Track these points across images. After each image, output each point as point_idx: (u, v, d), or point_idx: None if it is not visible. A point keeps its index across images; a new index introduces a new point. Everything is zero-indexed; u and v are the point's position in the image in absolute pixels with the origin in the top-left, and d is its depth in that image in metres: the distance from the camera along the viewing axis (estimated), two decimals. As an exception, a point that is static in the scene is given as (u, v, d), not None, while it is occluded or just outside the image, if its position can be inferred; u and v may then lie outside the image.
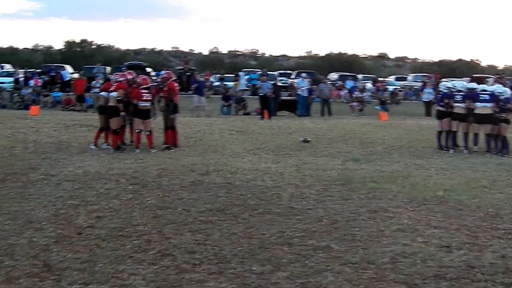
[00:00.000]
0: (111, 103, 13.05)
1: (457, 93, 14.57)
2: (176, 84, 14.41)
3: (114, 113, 13.02)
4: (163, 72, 19.61)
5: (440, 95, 15.44)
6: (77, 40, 67.14)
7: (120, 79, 13.45)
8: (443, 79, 34.56)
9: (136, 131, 13.36)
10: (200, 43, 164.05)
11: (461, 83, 15.74)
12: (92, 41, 68.27)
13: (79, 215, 7.24)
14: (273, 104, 25.44)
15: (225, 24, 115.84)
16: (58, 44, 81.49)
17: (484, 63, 71.89)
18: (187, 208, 7.69)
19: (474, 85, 15.49)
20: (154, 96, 13.57)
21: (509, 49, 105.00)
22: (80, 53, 62.99)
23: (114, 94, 12.96)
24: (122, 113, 13.12)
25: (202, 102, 25.87)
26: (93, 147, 13.41)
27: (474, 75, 36.94)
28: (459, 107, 14.41)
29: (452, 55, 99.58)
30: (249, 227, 6.84)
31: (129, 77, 13.69)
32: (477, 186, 9.53)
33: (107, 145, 13.55)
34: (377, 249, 6.07)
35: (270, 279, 5.14)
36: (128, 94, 13.09)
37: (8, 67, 43.24)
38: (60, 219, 7.01)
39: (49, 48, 73.06)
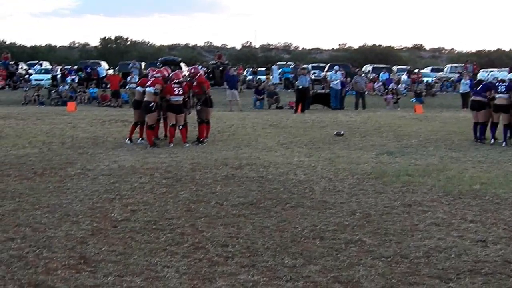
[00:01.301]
0: (146, 98, 13.14)
1: (500, 84, 14.24)
2: (204, 78, 14.62)
3: (149, 108, 13.11)
4: (190, 68, 19.73)
5: (482, 86, 15.01)
6: (112, 36, 68.10)
7: (157, 75, 13.54)
8: (482, 70, 33.91)
9: (170, 125, 13.47)
10: (234, 38, 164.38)
11: (503, 73, 15.39)
12: (127, 38, 69.19)
13: (115, 208, 7.35)
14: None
15: (258, 18, 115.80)
16: (94, 41, 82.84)
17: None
18: (220, 202, 7.74)
19: None
20: (187, 91, 13.65)
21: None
22: (115, 50, 63.86)
23: (150, 89, 13.05)
24: (153, 104, 13.12)
25: (235, 96, 25.93)
26: (128, 142, 13.58)
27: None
28: (501, 98, 14.05)
29: (490, 45, 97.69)
30: (281, 221, 6.85)
31: (165, 73, 13.81)
32: (516, 179, 9.35)
33: (141, 139, 13.69)
34: (410, 243, 6.01)
35: (302, 272, 5.14)
36: (163, 90, 13.18)
37: (46, 65, 44.14)
38: (96, 213, 7.14)
39: (85, 45, 74.28)
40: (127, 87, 29.17)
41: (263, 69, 40.11)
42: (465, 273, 5.15)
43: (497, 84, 14.23)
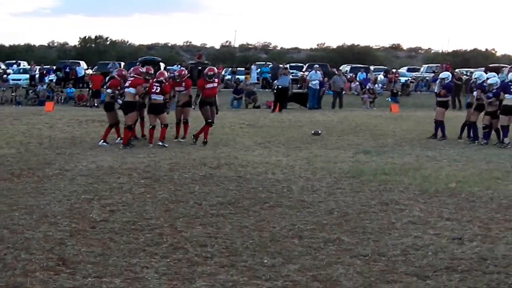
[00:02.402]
0: (127, 99, 13.05)
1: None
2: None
3: (129, 108, 13.02)
4: (175, 67, 19.67)
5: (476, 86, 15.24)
6: (92, 36, 67.34)
7: (134, 74, 13.44)
8: (456, 69, 34.35)
9: (150, 127, 13.39)
10: (213, 37, 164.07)
11: (481, 73, 15.73)
12: (106, 37, 68.37)
13: (93, 209, 7.32)
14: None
15: (238, 18, 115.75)
16: (74, 41, 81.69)
17: (499, 52, 71.04)
18: (199, 202, 7.75)
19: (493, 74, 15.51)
20: (169, 91, 13.61)
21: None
22: (94, 49, 63.18)
23: (131, 90, 12.95)
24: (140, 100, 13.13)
25: (214, 95, 25.90)
26: (104, 144, 13.38)
27: (490, 65, 36.57)
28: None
29: (467, 45, 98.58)
30: (260, 220, 6.89)
31: (141, 70, 13.74)
32: (490, 178, 9.51)
33: (120, 139, 13.60)
34: (388, 241, 6.09)
35: (281, 271, 5.18)
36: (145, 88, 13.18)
37: (24, 64, 43.62)
38: (74, 213, 7.10)
39: (64, 44, 73.37)
40: (104, 87, 28.99)
41: (243, 69, 40.06)
42: (441, 271, 5.24)
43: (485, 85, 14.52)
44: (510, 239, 6.18)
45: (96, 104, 28.53)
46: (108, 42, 67.76)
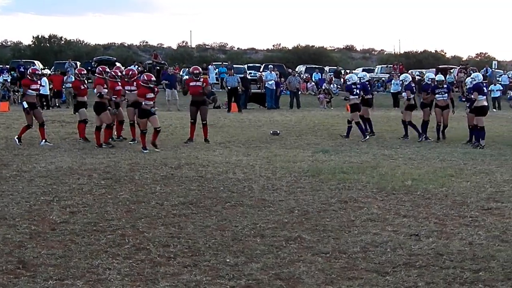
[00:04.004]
0: (97, 100, 12.92)
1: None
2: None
3: (99, 109, 12.83)
4: (133, 67, 19.51)
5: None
6: (46, 35, 65.93)
7: (96, 75, 13.34)
8: (410, 70, 35.07)
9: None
10: (170, 37, 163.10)
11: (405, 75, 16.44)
12: (61, 37, 67.02)
13: (53, 210, 7.22)
14: (243, 97, 25.63)
15: (194, 18, 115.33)
16: (27, 40, 79.63)
17: (448, 54, 72.91)
18: (160, 202, 7.73)
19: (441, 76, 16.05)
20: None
21: (472, 40, 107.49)
22: (49, 49, 61.87)
23: (94, 90, 12.83)
24: (109, 108, 13.01)
25: (175, 95, 25.89)
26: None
27: (439, 66, 37.52)
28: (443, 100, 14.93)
29: (417, 47, 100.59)
30: (221, 220, 6.92)
31: (100, 70, 13.60)
32: (444, 175, 9.76)
33: (45, 141, 13.29)
34: (348, 239, 6.20)
35: (244, 270, 5.22)
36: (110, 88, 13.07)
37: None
38: (33, 215, 6.99)
39: (18, 43, 71.59)
40: (63, 87, 28.62)
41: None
42: (400, 267, 5.36)
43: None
44: (464, 235, 6.36)
45: (57, 104, 28.11)
46: (62, 42, 66.46)
